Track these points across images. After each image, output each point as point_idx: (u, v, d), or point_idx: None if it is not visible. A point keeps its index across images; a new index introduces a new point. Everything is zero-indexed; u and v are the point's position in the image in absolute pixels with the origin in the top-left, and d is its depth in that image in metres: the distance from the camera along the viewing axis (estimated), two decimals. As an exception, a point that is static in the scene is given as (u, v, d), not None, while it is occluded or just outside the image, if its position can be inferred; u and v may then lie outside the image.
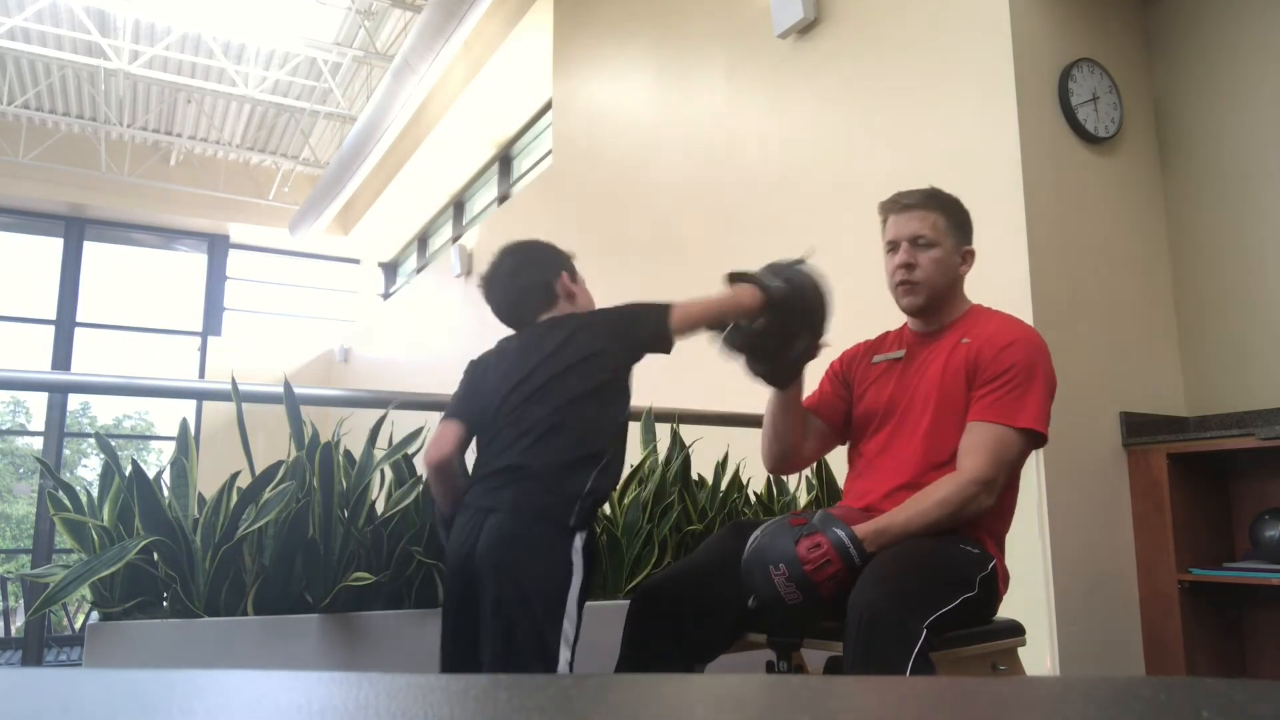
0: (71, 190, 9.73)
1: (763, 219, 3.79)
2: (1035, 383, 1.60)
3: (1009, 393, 1.59)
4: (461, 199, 8.48)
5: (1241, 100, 2.94)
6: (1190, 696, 0.37)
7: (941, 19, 3.05)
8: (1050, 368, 1.66)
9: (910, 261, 1.70)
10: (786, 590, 1.43)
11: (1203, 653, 2.65)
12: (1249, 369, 2.84)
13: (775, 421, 1.80)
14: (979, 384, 1.62)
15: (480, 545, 1.44)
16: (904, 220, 1.72)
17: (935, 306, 1.74)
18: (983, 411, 1.60)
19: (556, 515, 1.45)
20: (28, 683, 0.38)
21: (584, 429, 1.50)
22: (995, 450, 1.57)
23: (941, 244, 1.70)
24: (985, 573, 1.54)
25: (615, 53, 5.31)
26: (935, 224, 1.70)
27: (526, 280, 1.66)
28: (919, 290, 1.71)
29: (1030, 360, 1.62)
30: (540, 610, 1.40)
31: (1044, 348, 1.66)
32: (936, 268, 1.70)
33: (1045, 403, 1.61)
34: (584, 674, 0.95)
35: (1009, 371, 1.60)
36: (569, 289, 1.66)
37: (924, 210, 1.71)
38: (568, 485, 1.46)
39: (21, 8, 7.27)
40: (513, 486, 1.46)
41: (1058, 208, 2.79)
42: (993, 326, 1.69)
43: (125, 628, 1.58)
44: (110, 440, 1.79)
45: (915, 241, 1.70)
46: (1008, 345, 1.63)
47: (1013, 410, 1.58)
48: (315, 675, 0.40)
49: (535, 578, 1.41)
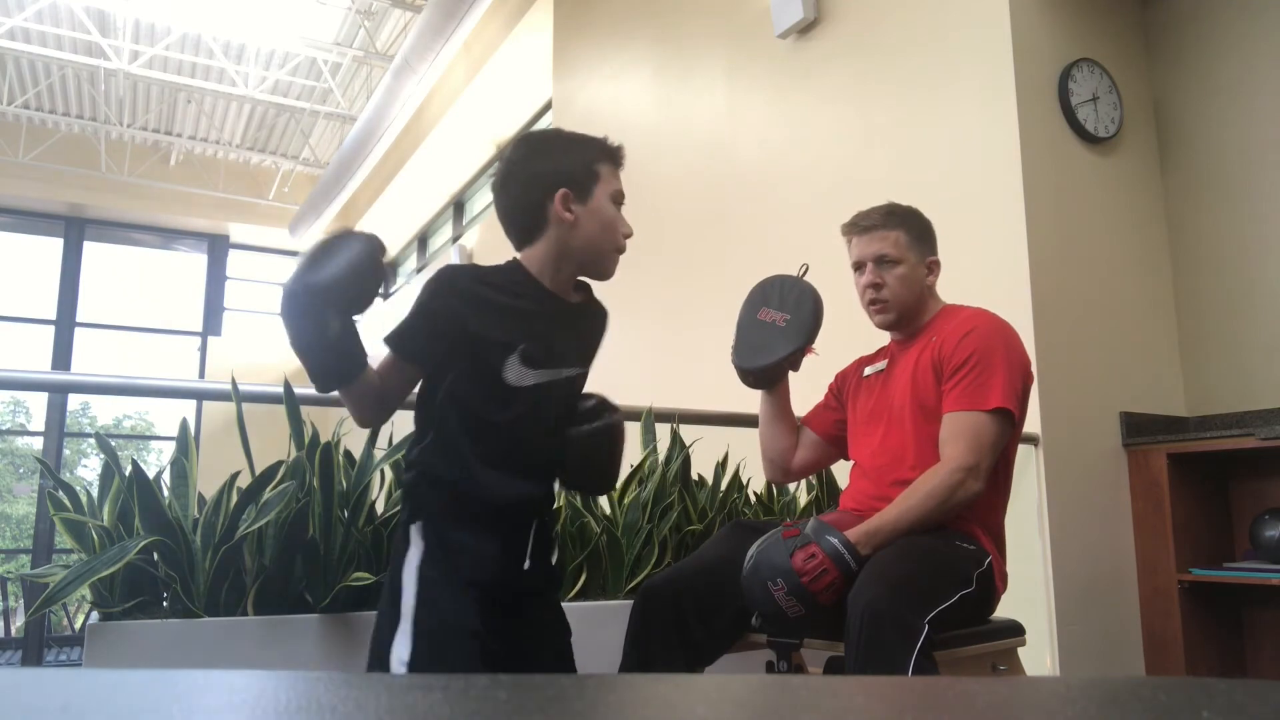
0: (71, 190, 9.73)
1: (762, 219, 3.79)
2: (996, 364, 1.63)
3: (974, 379, 1.62)
4: (461, 199, 8.49)
5: (1241, 100, 2.94)
6: (1190, 696, 0.37)
7: (941, 19, 3.05)
8: (1014, 346, 1.69)
9: (877, 281, 1.75)
10: (787, 604, 1.44)
11: (1203, 653, 2.65)
12: (1249, 369, 2.84)
13: (763, 431, 1.91)
14: (946, 377, 1.66)
15: None
16: (866, 241, 1.77)
17: (908, 318, 1.79)
18: (953, 402, 1.64)
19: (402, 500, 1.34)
20: (28, 683, 0.38)
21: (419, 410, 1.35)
22: (971, 435, 1.59)
23: (905, 260, 1.75)
24: (982, 569, 1.56)
25: (615, 53, 5.31)
26: (897, 241, 1.75)
27: (514, 195, 1.33)
28: (889, 308, 1.76)
29: (988, 344, 1.65)
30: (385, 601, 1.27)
31: (1004, 329, 1.70)
32: (903, 284, 1.75)
33: (1011, 380, 1.63)
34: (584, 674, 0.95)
35: (970, 359, 1.64)
36: (561, 214, 1.29)
37: (884, 229, 1.76)
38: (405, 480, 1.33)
39: (21, 8, 7.27)
40: None
41: (1058, 208, 2.79)
42: (955, 321, 1.73)
43: (125, 628, 1.58)
44: (110, 440, 1.79)
45: (880, 261, 1.75)
46: (966, 334, 1.67)
47: (979, 395, 1.61)
48: (315, 675, 0.40)
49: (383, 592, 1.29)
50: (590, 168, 1.31)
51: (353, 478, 1.81)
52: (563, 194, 1.29)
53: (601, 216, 1.31)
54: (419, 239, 9.58)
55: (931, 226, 1.82)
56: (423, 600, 1.21)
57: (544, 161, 1.32)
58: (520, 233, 1.33)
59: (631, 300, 3.25)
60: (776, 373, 1.83)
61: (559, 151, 1.33)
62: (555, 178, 1.29)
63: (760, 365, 1.80)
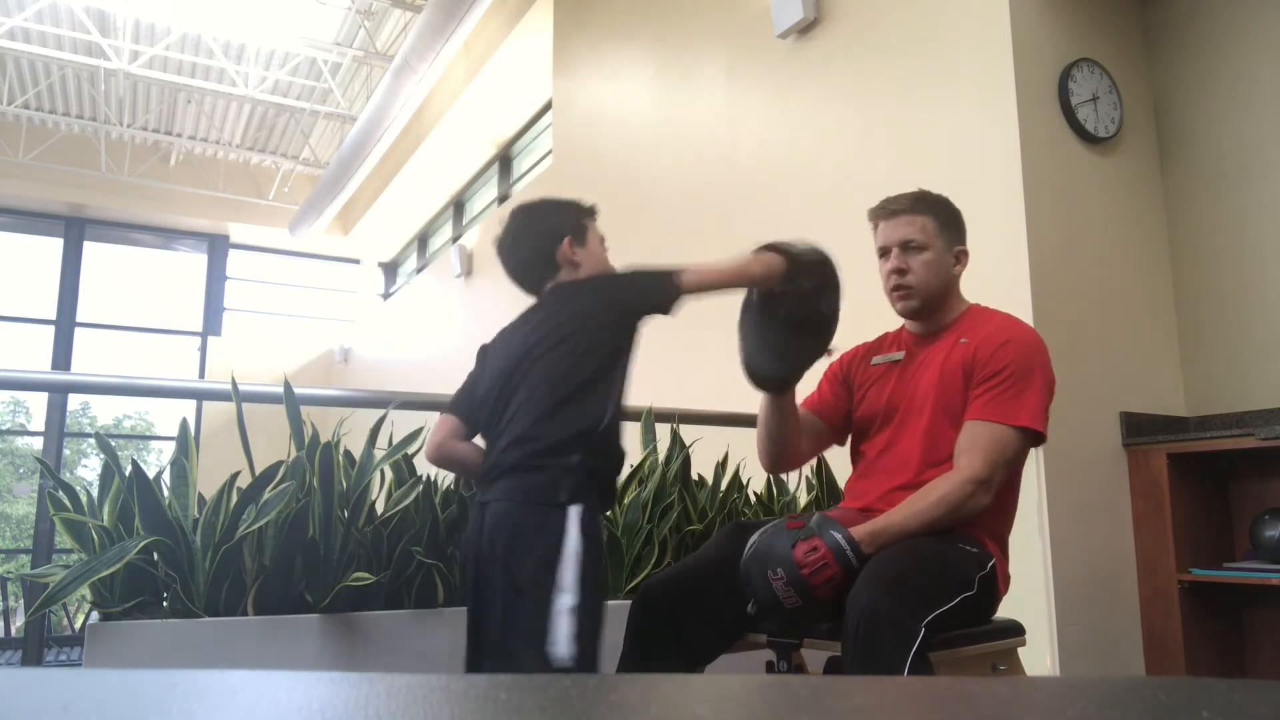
0: (71, 190, 9.73)
1: (763, 219, 3.79)
2: (1032, 381, 1.60)
3: (1005, 391, 1.59)
4: (461, 199, 8.49)
5: (1241, 100, 2.94)
6: (1190, 696, 0.37)
7: (941, 19, 3.05)
8: (1048, 367, 1.66)
9: (902, 267, 1.70)
10: (785, 595, 1.44)
11: (1203, 653, 2.65)
12: (1249, 369, 2.84)
13: (770, 425, 1.79)
14: (976, 383, 1.62)
15: (483, 538, 1.45)
16: (893, 226, 1.72)
17: (932, 308, 1.74)
18: (979, 410, 1.60)
19: (545, 493, 1.42)
20: (28, 683, 0.38)
21: (569, 397, 1.46)
22: (992, 449, 1.57)
23: (932, 246, 1.70)
24: (984, 572, 1.54)
25: (615, 52, 5.32)
26: (924, 227, 1.70)
27: (527, 249, 1.61)
28: (913, 295, 1.71)
29: (1028, 359, 1.62)
30: (533, 591, 1.37)
31: (1042, 347, 1.66)
32: (929, 270, 1.70)
33: (1043, 401, 1.61)
34: (584, 674, 0.95)
35: (1005, 370, 1.60)
36: (570, 257, 1.58)
37: (912, 214, 1.71)
38: (555, 461, 1.43)
39: (21, 8, 7.27)
40: (504, 477, 1.46)
41: (1058, 208, 2.79)
42: (991, 326, 1.69)
43: (125, 628, 1.58)
44: (110, 440, 1.79)
45: (906, 246, 1.70)
46: (1004, 344, 1.63)
47: (1010, 409, 1.58)
48: (315, 675, 0.40)
49: (528, 559, 1.39)
50: (580, 221, 1.62)
51: (353, 478, 1.81)
52: (568, 240, 1.58)
53: (596, 256, 1.62)
54: (419, 239, 9.58)
55: (960, 216, 1.76)
56: (585, 561, 1.40)
57: (548, 220, 1.62)
58: (536, 281, 1.61)
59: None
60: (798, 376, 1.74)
61: (557, 212, 1.63)
62: (560, 230, 1.59)
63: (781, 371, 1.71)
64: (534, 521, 1.41)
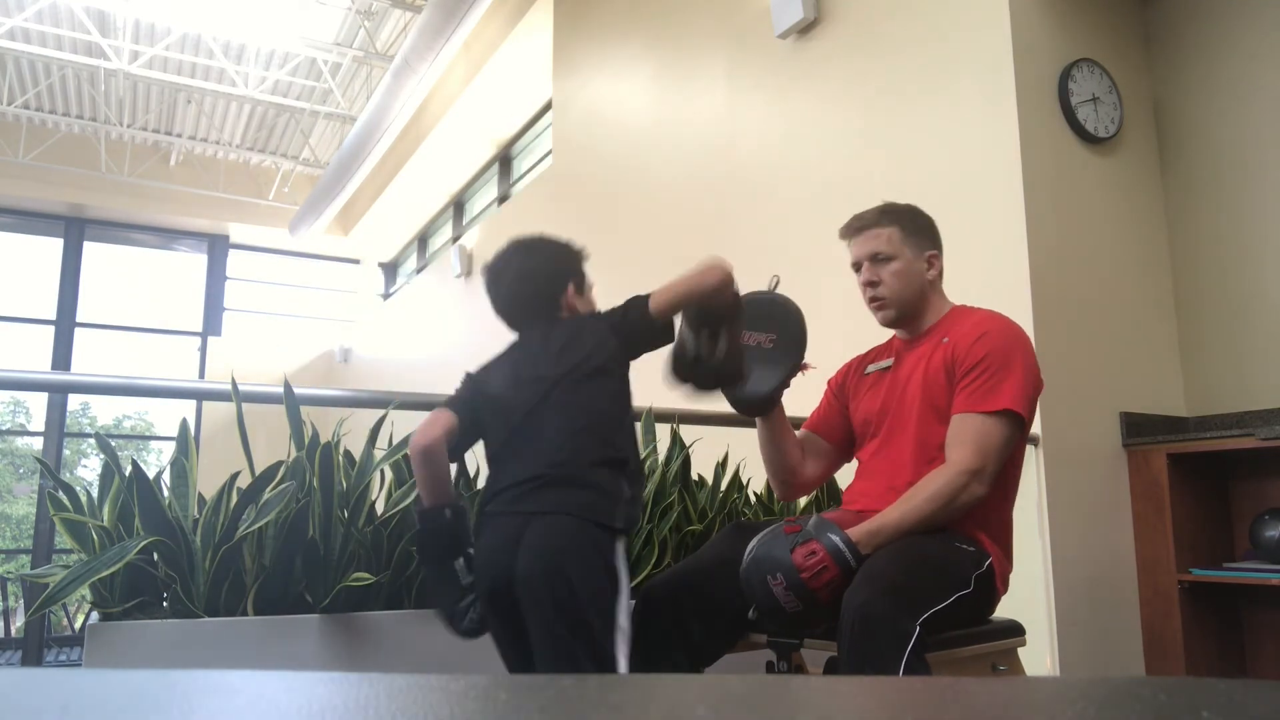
0: (71, 190, 9.72)
1: (762, 219, 3.79)
2: (1011, 369, 1.62)
3: (986, 382, 1.61)
4: (461, 199, 8.48)
5: (1241, 100, 2.94)
6: (1190, 696, 0.37)
7: (941, 19, 3.05)
8: (1030, 354, 1.68)
9: (874, 279, 1.75)
10: (786, 600, 1.44)
11: (1203, 653, 2.65)
12: (1249, 369, 2.84)
13: (766, 450, 1.85)
14: (958, 378, 1.65)
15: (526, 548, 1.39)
16: (861, 241, 1.77)
17: (911, 315, 1.78)
18: (962, 404, 1.63)
19: (604, 516, 1.41)
20: (28, 683, 0.38)
21: (607, 432, 1.48)
22: (978, 438, 1.58)
23: (899, 255, 1.74)
24: (981, 571, 1.55)
25: (615, 53, 5.32)
26: (890, 238, 1.74)
27: (532, 291, 1.62)
28: (888, 304, 1.76)
29: (1006, 348, 1.64)
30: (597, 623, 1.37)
31: (1020, 335, 1.69)
32: (899, 280, 1.74)
33: (1024, 386, 1.62)
34: (584, 674, 0.95)
35: (984, 361, 1.63)
36: (572, 304, 1.62)
37: (877, 227, 1.76)
38: (608, 487, 1.43)
39: (21, 8, 7.27)
40: (554, 488, 1.42)
41: (1058, 208, 2.79)
42: (969, 323, 1.72)
43: (125, 628, 1.58)
44: (110, 440, 1.79)
45: (875, 258, 1.75)
46: (981, 336, 1.66)
47: (989, 396, 1.60)
48: (315, 675, 0.40)
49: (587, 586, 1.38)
50: (580, 267, 1.67)
51: (353, 478, 1.81)
52: (572, 287, 1.62)
53: (590, 301, 1.67)
54: (419, 239, 9.58)
55: (931, 222, 1.80)
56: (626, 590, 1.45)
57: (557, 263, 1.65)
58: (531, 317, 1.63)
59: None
60: (775, 397, 1.78)
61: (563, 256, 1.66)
62: (568, 274, 1.63)
63: (759, 393, 1.72)
64: (591, 539, 1.40)
